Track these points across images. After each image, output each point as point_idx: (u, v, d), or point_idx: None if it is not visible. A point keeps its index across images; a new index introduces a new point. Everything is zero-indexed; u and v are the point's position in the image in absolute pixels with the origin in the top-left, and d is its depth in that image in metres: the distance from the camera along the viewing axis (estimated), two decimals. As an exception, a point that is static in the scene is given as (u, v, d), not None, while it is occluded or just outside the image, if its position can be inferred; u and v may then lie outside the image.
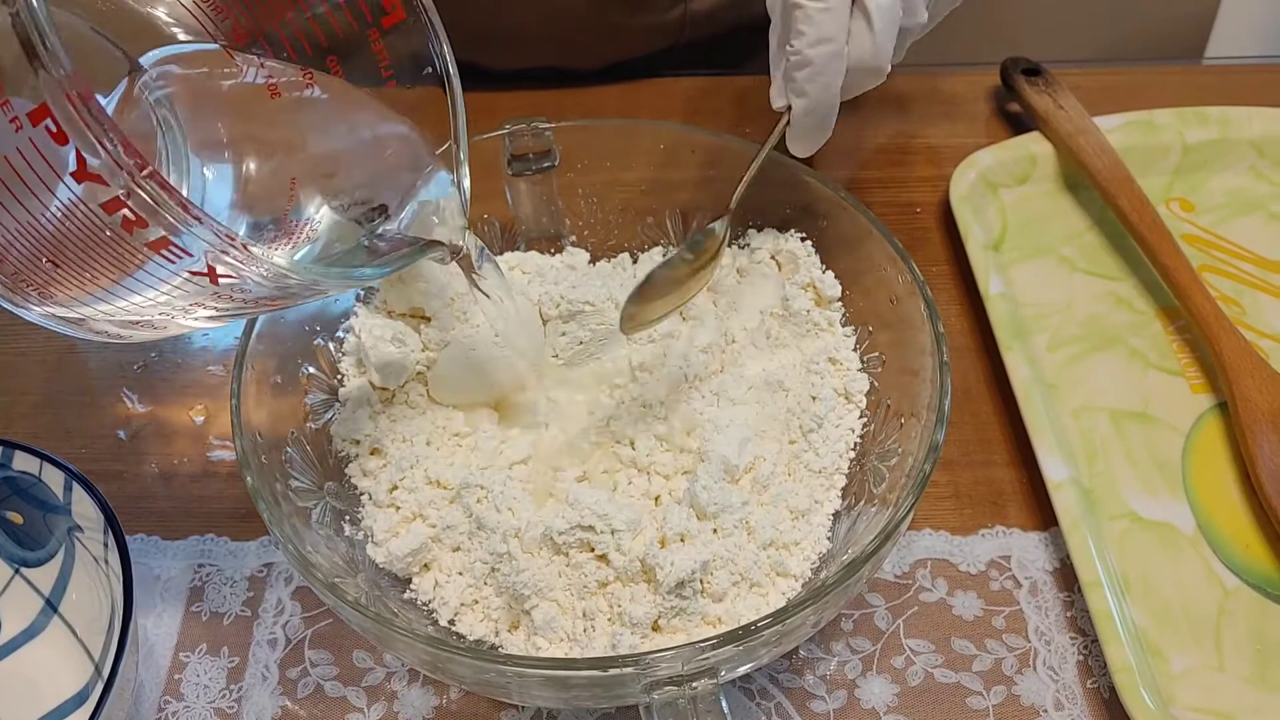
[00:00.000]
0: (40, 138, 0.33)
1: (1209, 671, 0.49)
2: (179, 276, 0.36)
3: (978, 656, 0.50)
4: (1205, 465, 0.56)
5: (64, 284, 0.37)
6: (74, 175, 0.33)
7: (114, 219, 0.34)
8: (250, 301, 0.38)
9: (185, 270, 0.35)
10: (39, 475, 0.49)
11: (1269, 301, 0.63)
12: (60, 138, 0.32)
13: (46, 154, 0.33)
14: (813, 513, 0.49)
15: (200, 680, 0.50)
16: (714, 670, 0.40)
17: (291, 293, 0.39)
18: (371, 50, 0.45)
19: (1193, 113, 0.70)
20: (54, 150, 0.33)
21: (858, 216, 0.53)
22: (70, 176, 0.33)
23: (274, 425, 0.49)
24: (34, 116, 0.32)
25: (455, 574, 0.48)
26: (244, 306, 0.39)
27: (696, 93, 0.77)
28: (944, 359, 0.47)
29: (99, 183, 0.33)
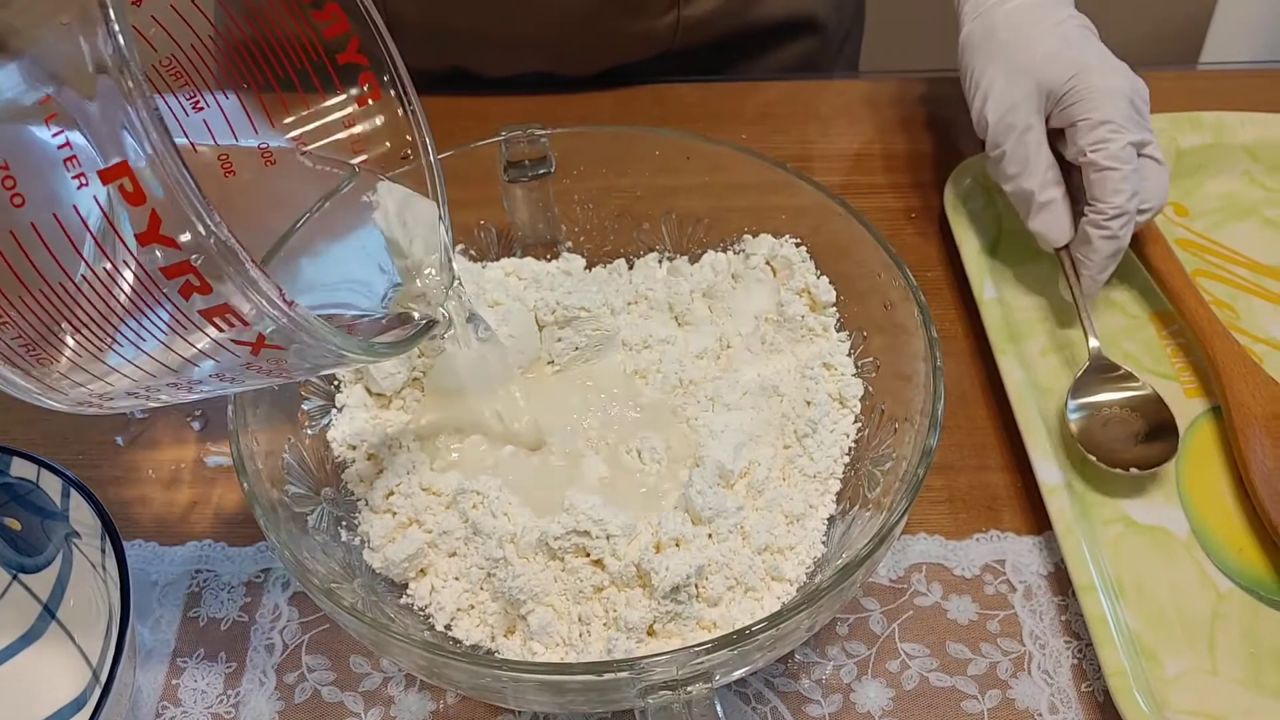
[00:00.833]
0: (106, 196, 0.32)
1: (1203, 675, 0.49)
2: (217, 344, 0.35)
3: (973, 660, 0.51)
4: (1198, 469, 0.56)
5: (84, 352, 0.36)
6: (141, 237, 0.32)
7: (172, 284, 0.33)
8: (274, 372, 0.38)
9: (232, 339, 0.35)
10: (36, 481, 0.49)
11: (1263, 306, 0.63)
12: (136, 198, 0.32)
13: (111, 214, 0.32)
14: (807, 517, 0.50)
15: (198, 685, 0.51)
16: (709, 675, 0.40)
17: (320, 366, 0.38)
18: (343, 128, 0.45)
19: (1186, 118, 0.71)
20: (120, 210, 0.32)
21: (852, 222, 0.53)
22: (135, 238, 0.32)
23: (271, 431, 0.50)
24: (108, 175, 0.32)
25: (451, 579, 0.48)
26: (258, 378, 0.38)
27: (692, 99, 0.77)
28: (937, 364, 0.48)
29: (168, 245, 0.32)
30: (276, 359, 0.37)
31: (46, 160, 0.32)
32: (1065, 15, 0.62)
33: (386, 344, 0.41)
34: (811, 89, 0.79)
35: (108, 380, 0.37)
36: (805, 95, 0.78)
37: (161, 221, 0.32)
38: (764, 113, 0.77)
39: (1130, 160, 0.57)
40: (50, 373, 0.36)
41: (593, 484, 0.51)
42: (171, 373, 0.37)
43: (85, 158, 0.32)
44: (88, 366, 0.36)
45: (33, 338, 0.35)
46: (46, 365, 0.36)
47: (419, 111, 0.46)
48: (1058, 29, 0.61)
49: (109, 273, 0.33)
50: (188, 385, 0.38)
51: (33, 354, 0.36)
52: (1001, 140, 0.61)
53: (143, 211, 0.32)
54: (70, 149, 0.32)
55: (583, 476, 0.51)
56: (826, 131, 0.76)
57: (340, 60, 0.43)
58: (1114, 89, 0.57)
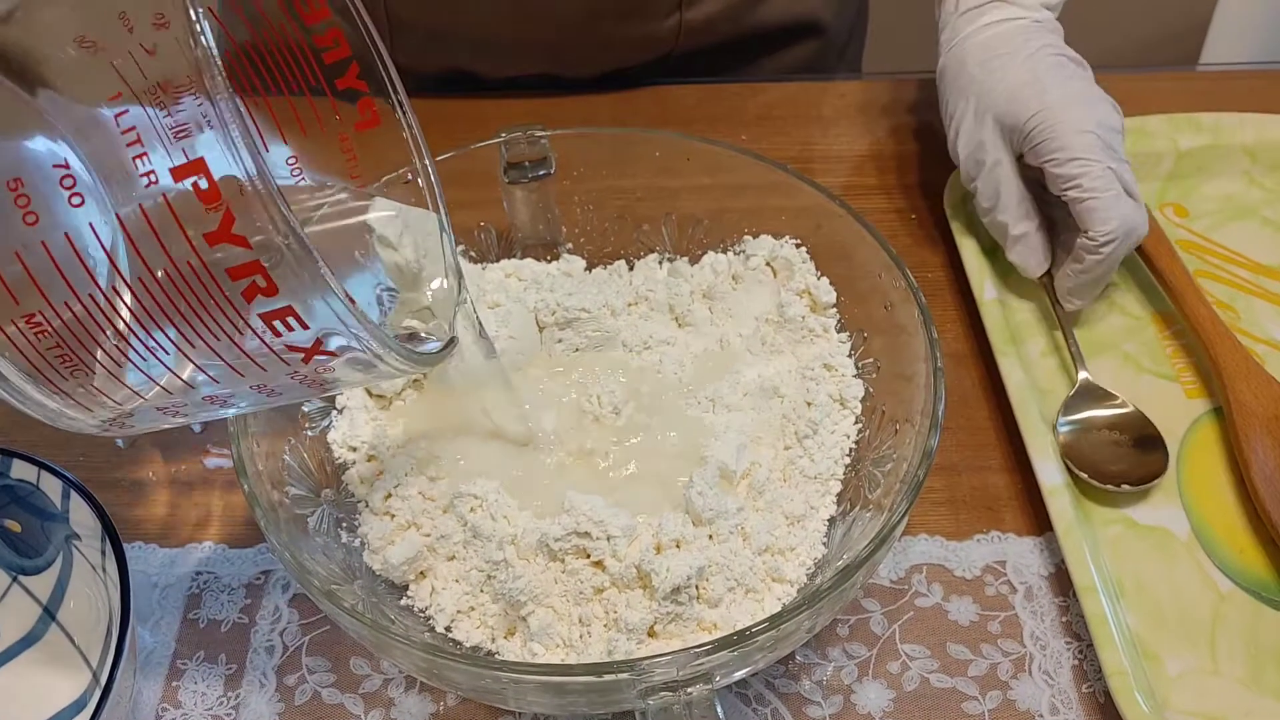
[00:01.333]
0: (178, 195, 0.32)
1: (1203, 675, 0.49)
2: (269, 350, 0.35)
3: (973, 661, 0.51)
4: (1199, 470, 0.56)
5: (125, 361, 0.35)
6: (210, 236, 0.32)
7: (236, 285, 0.33)
8: (313, 383, 0.37)
9: (285, 344, 0.35)
10: (37, 483, 0.49)
11: (1263, 306, 0.63)
12: (210, 196, 0.31)
13: (181, 211, 0.32)
14: (808, 518, 0.50)
15: (198, 687, 0.51)
16: (709, 676, 0.40)
17: (354, 380, 0.38)
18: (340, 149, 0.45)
19: (1185, 119, 0.71)
20: (191, 210, 0.32)
21: (852, 223, 0.53)
22: (203, 238, 0.32)
23: (271, 433, 0.50)
24: (181, 172, 0.31)
25: (451, 582, 0.48)
26: (296, 389, 0.38)
27: (692, 101, 0.77)
28: (938, 365, 0.48)
29: (239, 245, 0.32)
30: (322, 368, 0.36)
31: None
32: (1039, 45, 0.61)
33: (428, 354, 0.40)
34: (812, 90, 0.79)
35: (144, 393, 0.36)
36: (806, 97, 0.78)
37: (235, 220, 0.32)
38: (764, 114, 0.77)
39: (1111, 186, 0.57)
40: (81, 386, 0.36)
41: (591, 485, 0.51)
42: (212, 383, 0.36)
43: (156, 157, 0.32)
44: (125, 377, 0.36)
45: (71, 346, 0.35)
46: (80, 378, 0.35)
47: (420, 137, 0.46)
48: (1028, 62, 0.60)
49: (167, 274, 0.33)
50: (223, 399, 0.37)
51: (67, 365, 0.35)
52: (973, 174, 0.62)
53: (215, 210, 0.32)
54: (141, 145, 0.32)
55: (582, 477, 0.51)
56: (827, 133, 0.76)
57: (339, 85, 0.43)
58: (1079, 124, 0.57)
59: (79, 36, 0.32)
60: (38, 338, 0.34)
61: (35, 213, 0.33)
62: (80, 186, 0.33)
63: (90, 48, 0.32)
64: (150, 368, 0.35)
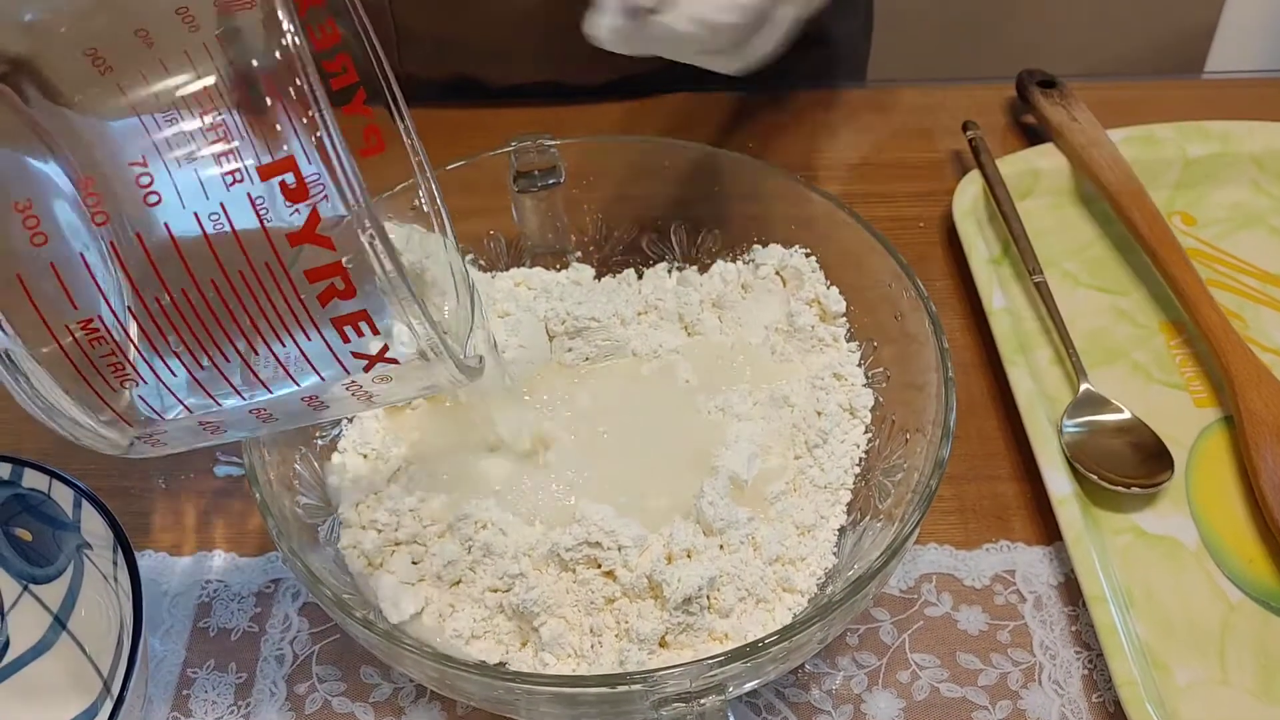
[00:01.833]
0: (261, 193, 0.31)
1: (1213, 685, 0.49)
2: (333, 356, 0.34)
3: (983, 671, 0.51)
4: (1208, 479, 0.56)
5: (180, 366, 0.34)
6: (294, 237, 0.32)
7: (314, 288, 0.32)
8: (364, 397, 0.37)
9: (352, 350, 0.34)
10: (48, 492, 0.49)
11: (1272, 315, 0.63)
12: (298, 194, 0.31)
13: (262, 211, 0.32)
14: (818, 528, 0.50)
15: (208, 696, 0.51)
16: (722, 687, 0.40)
17: (412, 389, 0.38)
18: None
19: (1193, 127, 0.71)
20: (275, 208, 0.31)
21: (861, 232, 0.53)
22: (285, 238, 0.32)
23: (282, 442, 0.50)
24: (270, 170, 0.31)
25: (462, 608, 0.48)
26: (348, 402, 0.37)
27: (700, 109, 0.77)
28: (949, 374, 0.48)
29: (323, 246, 0.32)
30: (378, 378, 0.36)
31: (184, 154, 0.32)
32: None
33: (476, 368, 0.40)
34: (819, 98, 0.79)
35: (190, 403, 0.35)
36: (813, 104, 0.78)
37: (320, 221, 0.32)
38: (772, 122, 0.77)
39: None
40: (124, 397, 0.35)
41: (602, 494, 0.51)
42: (265, 392, 0.35)
43: (245, 154, 0.32)
44: (177, 387, 0.35)
45: (122, 349, 0.34)
46: (125, 386, 0.35)
47: (427, 165, 0.45)
48: None
49: (243, 277, 0.32)
50: (269, 413, 0.37)
51: (119, 373, 0.34)
52: None
53: (302, 209, 0.31)
54: (228, 144, 0.32)
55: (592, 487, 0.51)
56: (835, 141, 0.76)
57: (345, 112, 0.42)
58: None
59: (139, 29, 0.32)
60: (91, 345, 0.33)
61: (105, 212, 0.32)
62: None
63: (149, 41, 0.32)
64: (207, 376, 0.35)
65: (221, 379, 0.35)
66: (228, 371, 0.34)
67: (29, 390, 0.34)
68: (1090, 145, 0.68)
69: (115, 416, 0.35)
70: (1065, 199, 0.70)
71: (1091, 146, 0.68)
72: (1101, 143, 0.68)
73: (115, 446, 0.37)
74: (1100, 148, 0.68)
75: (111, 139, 0.32)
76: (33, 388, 0.34)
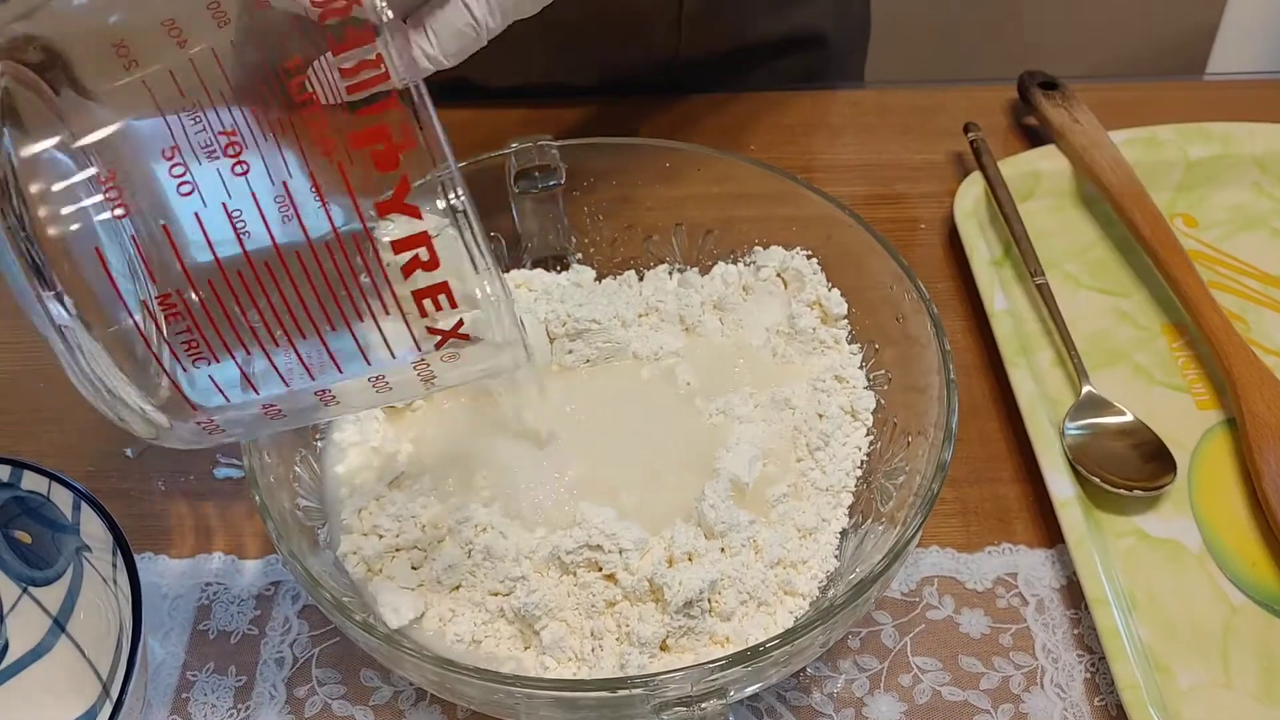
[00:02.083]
0: (356, 164, 0.31)
1: (1216, 689, 0.49)
2: (408, 332, 0.34)
3: (985, 674, 0.50)
4: (1211, 482, 0.56)
5: (254, 344, 0.33)
6: (383, 206, 0.32)
7: (398, 259, 0.32)
8: (426, 380, 0.37)
9: (427, 325, 0.34)
10: (48, 495, 0.49)
11: (1274, 317, 0.63)
12: (389, 162, 0.31)
13: (354, 180, 0.31)
14: (820, 531, 0.50)
15: (208, 699, 0.50)
16: (723, 691, 0.40)
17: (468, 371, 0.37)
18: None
19: (1195, 129, 0.71)
20: (369, 179, 0.31)
21: (862, 233, 0.53)
22: (375, 207, 0.32)
23: (282, 443, 0.50)
24: (361, 139, 0.31)
25: (462, 612, 0.47)
26: (408, 385, 0.37)
27: (700, 111, 0.77)
28: (950, 376, 0.47)
29: (412, 215, 0.32)
30: (447, 357, 0.35)
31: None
32: None
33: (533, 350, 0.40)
34: (820, 100, 0.79)
35: (259, 382, 0.35)
36: (814, 106, 0.78)
37: (410, 190, 0.31)
38: (773, 124, 0.77)
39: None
40: (196, 377, 0.34)
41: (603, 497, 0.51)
42: (334, 373, 0.35)
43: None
44: (252, 365, 0.34)
45: (200, 324, 0.33)
46: (198, 364, 0.33)
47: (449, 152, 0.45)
48: None
49: (327, 248, 0.32)
50: (335, 395, 0.36)
51: (192, 350, 0.33)
52: None
53: (393, 176, 0.31)
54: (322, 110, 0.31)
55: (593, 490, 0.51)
56: (835, 142, 0.76)
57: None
58: None
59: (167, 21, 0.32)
60: (169, 321, 0.32)
61: (190, 182, 0.32)
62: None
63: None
64: (280, 355, 0.34)
65: (296, 358, 0.34)
66: (304, 349, 0.34)
67: (83, 368, 0.33)
68: (1092, 147, 0.68)
69: (177, 399, 0.34)
70: (1067, 201, 0.70)
71: (1093, 148, 0.68)
72: (1103, 144, 0.68)
73: (168, 433, 0.36)
74: (1102, 149, 0.68)
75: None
76: (88, 366, 0.33)
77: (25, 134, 0.32)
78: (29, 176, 0.32)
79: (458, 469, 0.52)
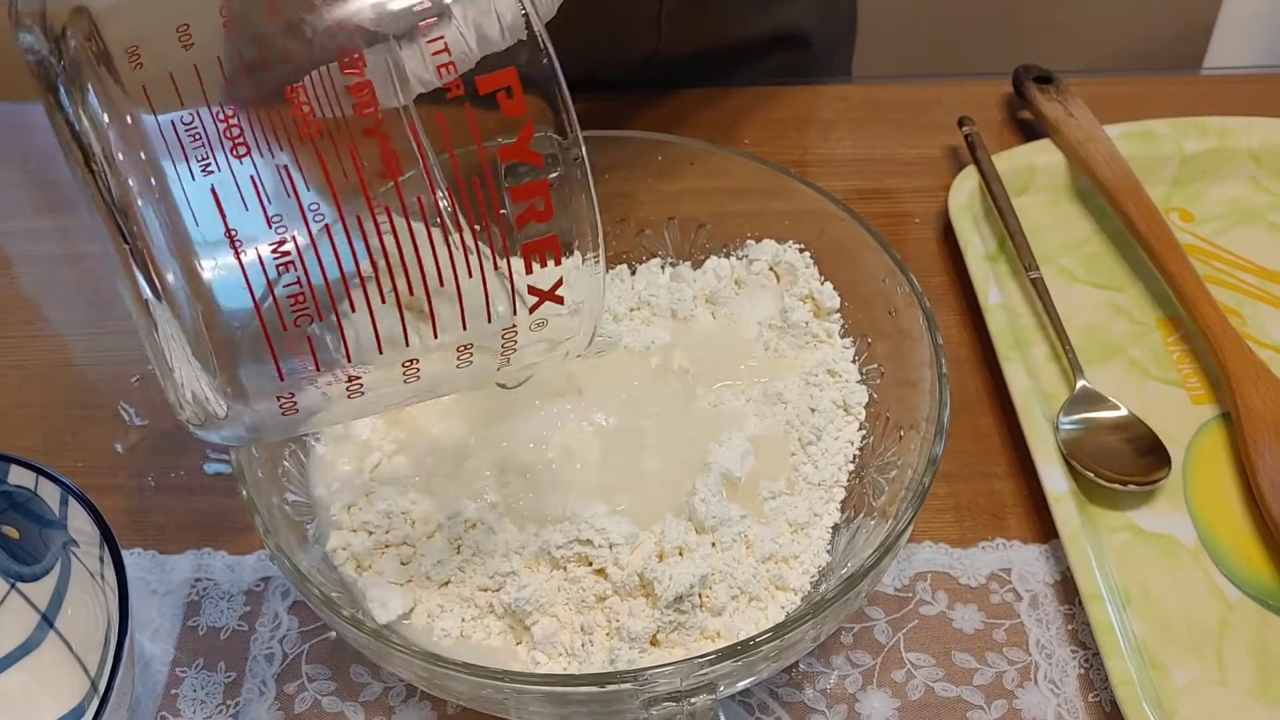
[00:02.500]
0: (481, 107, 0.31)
1: (1211, 685, 0.49)
2: (513, 294, 0.34)
3: (978, 670, 0.50)
4: (1206, 477, 0.56)
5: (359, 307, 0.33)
6: (507, 151, 0.32)
7: (516, 208, 0.32)
8: (508, 350, 0.36)
9: (529, 284, 0.34)
10: (35, 489, 0.48)
11: (1269, 312, 0.63)
12: (516, 108, 0.31)
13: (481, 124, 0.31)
14: (812, 526, 0.49)
15: (197, 695, 0.50)
16: (712, 686, 0.40)
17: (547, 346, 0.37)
18: None
19: (1191, 123, 0.70)
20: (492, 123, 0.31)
21: (855, 227, 0.53)
22: (497, 153, 0.31)
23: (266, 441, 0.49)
24: (488, 83, 0.31)
25: (451, 608, 0.47)
26: (485, 358, 0.36)
27: (692, 105, 0.77)
28: (943, 370, 0.47)
29: (533, 162, 0.32)
30: (536, 325, 0.35)
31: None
32: None
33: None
34: (814, 94, 0.79)
35: (360, 353, 0.33)
36: (807, 101, 0.78)
37: (534, 136, 0.31)
38: (766, 118, 0.76)
39: None
40: (299, 348, 0.33)
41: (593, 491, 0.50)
42: (427, 337, 0.34)
43: (459, 56, 0.31)
44: (355, 332, 0.33)
45: (310, 275, 0.31)
46: (300, 324, 0.32)
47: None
48: None
49: (451, 194, 0.32)
50: (418, 370, 0.35)
51: (298, 306, 0.32)
52: None
53: (519, 122, 0.31)
54: (448, 55, 0.31)
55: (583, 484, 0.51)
56: (829, 137, 0.76)
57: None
58: None
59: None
60: (279, 272, 0.31)
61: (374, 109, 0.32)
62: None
63: None
64: (386, 315, 0.33)
65: (398, 316, 0.33)
66: (409, 308, 0.33)
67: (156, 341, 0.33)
68: (1087, 141, 0.68)
69: (265, 380, 0.33)
70: (1062, 195, 0.69)
71: (1088, 142, 0.68)
72: (1098, 138, 0.68)
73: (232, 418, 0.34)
74: (1097, 143, 0.68)
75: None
76: (162, 341, 0.33)
77: (110, 100, 0.31)
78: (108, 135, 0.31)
79: (447, 465, 0.51)
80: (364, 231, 0.32)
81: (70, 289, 0.69)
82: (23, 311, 0.67)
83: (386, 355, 0.34)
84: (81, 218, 0.72)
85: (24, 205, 0.74)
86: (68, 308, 0.68)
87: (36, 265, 0.70)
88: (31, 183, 0.76)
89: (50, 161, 0.75)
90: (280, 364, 0.33)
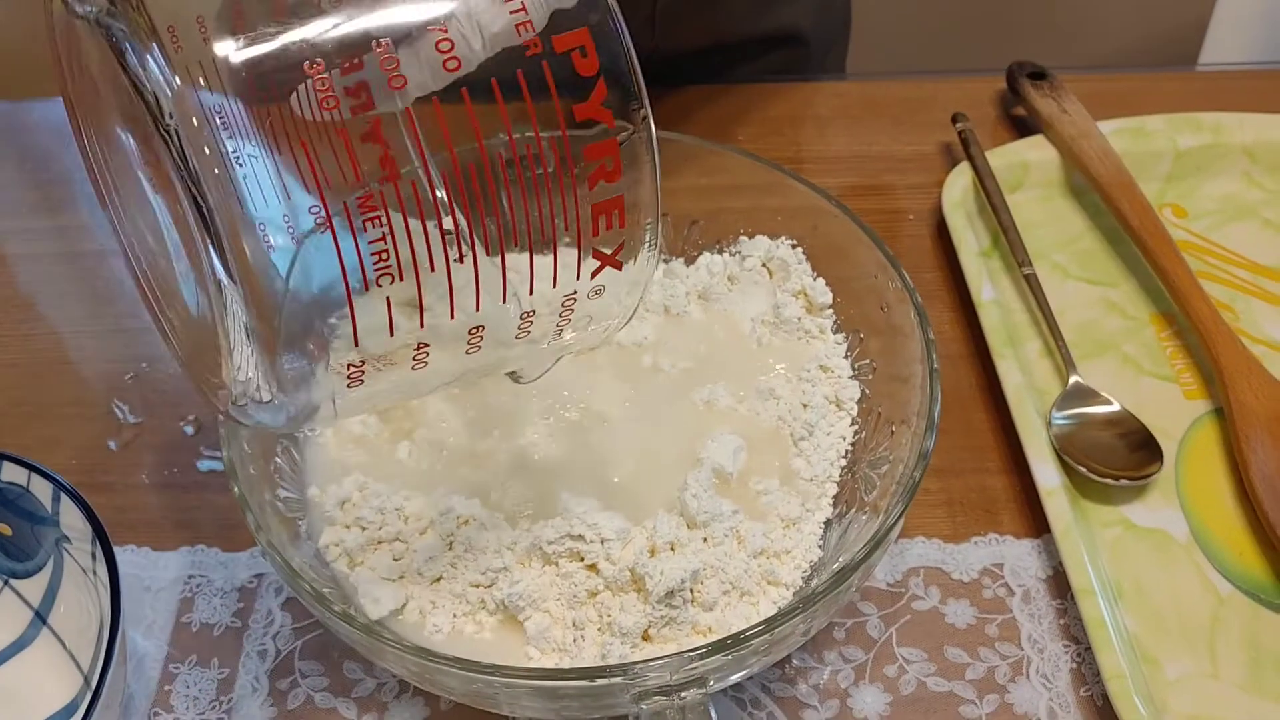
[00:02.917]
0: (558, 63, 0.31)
1: (1203, 679, 0.49)
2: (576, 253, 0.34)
3: (971, 665, 0.50)
4: (1198, 472, 0.56)
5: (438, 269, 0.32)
6: (580, 109, 0.32)
7: (589, 166, 0.32)
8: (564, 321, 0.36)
9: (594, 248, 0.34)
10: (27, 486, 0.49)
11: (1262, 307, 0.63)
12: (589, 66, 0.31)
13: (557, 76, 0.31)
14: (804, 521, 0.49)
15: (190, 692, 0.50)
16: (703, 680, 0.40)
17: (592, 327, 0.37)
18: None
19: (1184, 119, 0.70)
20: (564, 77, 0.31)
21: (848, 224, 0.53)
22: (572, 110, 0.32)
23: (263, 435, 0.49)
24: (563, 42, 0.31)
25: (443, 604, 0.47)
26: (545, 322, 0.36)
27: (686, 102, 0.77)
28: (934, 366, 0.47)
29: (605, 121, 0.32)
30: (594, 293, 0.35)
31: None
32: None
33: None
34: (809, 91, 0.79)
35: (430, 311, 0.33)
36: (801, 98, 0.78)
37: (605, 95, 0.31)
38: (761, 116, 0.76)
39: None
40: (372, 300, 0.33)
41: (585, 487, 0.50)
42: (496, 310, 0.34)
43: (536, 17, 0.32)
44: (431, 292, 0.33)
45: (395, 231, 0.31)
46: (382, 283, 0.32)
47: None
48: None
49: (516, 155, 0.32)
50: (479, 340, 0.35)
51: (381, 263, 0.31)
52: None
53: (589, 82, 0.31)
54: (525, 14, 0.32)
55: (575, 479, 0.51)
56: (823, 134, 0.76)
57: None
58: None
59: None
60: (364, 228, 0.31)
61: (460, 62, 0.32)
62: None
63: None
64: (461, 272, 0.32)
65: (474, 273, 0.33)
66: (482, 270, 0.33)
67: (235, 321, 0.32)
68: (1080, 137, 0.68)
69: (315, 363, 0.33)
70: (1055, 191, 0.69)
71: (1082, 138, 0.68)
72: (1092, 135, 0.68)
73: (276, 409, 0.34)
74: (1090, 140, 0.68)
75: None
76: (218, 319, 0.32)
77: (184, 66, 0.30)
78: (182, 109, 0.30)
79: (440, 460, 0.52)
80: (432, 188, 0.32)
81: (65, 287, 0.69)
82: (17, 310, 0.67)
83: (457, 321, 0.34)
84: (79, 216, 0.72)
85: (19, 204, 0.74)
86: (62, 306, 0.68)
87: (31, 263, 0.71)
88: (27, 182, 0.76)
89: (46, 161, 0.76)
90: (358, 329, 0.32)
